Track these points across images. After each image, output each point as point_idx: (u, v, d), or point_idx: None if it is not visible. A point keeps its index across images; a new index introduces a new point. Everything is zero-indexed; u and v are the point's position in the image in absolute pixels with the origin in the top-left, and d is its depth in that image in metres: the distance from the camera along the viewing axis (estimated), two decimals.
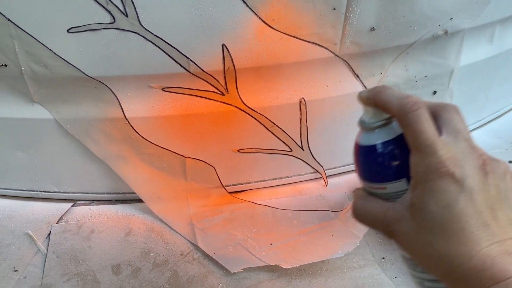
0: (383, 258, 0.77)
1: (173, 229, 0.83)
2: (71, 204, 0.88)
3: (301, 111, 0.81)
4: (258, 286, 0.73)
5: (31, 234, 0.80)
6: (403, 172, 0.36)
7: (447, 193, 0.33)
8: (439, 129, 0.35)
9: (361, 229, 0.76)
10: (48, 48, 0.68)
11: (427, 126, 0.34)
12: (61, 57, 0.69)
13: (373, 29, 0.74)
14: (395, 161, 0.37)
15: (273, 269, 0.75)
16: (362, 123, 0.39)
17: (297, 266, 0.73)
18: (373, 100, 0.38)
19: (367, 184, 0.39)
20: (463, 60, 0.87)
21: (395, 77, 0.83)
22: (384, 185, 0.37)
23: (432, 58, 0.83)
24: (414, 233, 0.35)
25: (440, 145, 0.34)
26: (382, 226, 0.37)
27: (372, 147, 0.37)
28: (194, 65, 0.71)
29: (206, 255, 0.78)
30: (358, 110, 0.41)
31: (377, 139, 0.37)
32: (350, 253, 0.74)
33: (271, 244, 0.79)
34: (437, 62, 0.84)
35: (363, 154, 0.39)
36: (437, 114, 0.37)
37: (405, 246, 0.36)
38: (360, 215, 0.39)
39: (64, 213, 0.86)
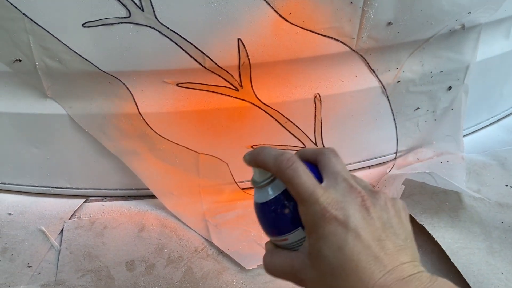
0: None
1: (186, 225, 0.83)
2: (83, 200, 0.88)
3: (315, 107, 0.81)
4: (273, 283, 0.72)
5: (44, 230, 0.80)
6: (297, 221, 0.39)
7: (335, 236, 0.35)
8: (321, 174, 0.39)
9: None
10: (62, 42, 0.67)
11: (305, 177, 0.38)
12: (75, 52, 0.68)
13: (390, 23, 0.73)
14: (287, 213, 0.40)
15: None
16: (253, 182, 0.43)
17: None
18: (254, 161, 0.42)
19: (272, 238, 0.43)
20: (479, 55, 0.86)
21: (411, 72, 0.82)
22: (285, 237, 0.40)
23: (449, 53, 0.82)
24: (318, 279, 0.37)
25: (320, 192, 0.37)
26: (292, 277, 0.40)
27: (265, 204, 0.41)
28: (209, 60, 0.71)
29: (220, 251, 0.77)
30: (374, 106, 0.41)
31: (268, 196, 0.41)
32: None
33: None
34: (453, 57, 0.83)
35: (260, 211, 0.43)
36: (316, 160, 0.41)
37: (310, 284, 0.38)
38: (270, 270, 0.42)
39: (77, 209, 0.85)
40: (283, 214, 0.40)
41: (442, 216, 0.79)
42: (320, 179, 0.39)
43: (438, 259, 0.75)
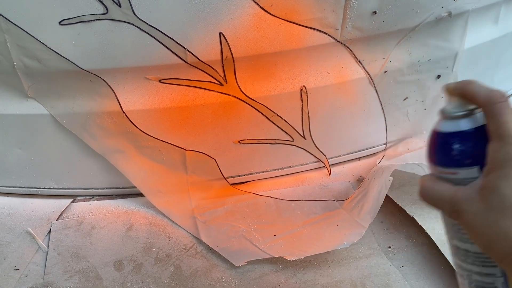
0: (389, 247, 0.76)
1: (175, 223, 0.82)
2: (71, 200, 0.87)
3: (302, 100, 0.79)
4: (263, 279, 0.72)
5: (31, 231, 0.79)
6: (478, 160, 0.39)
7: None
8: None
9: (367, 219, 0.74)
10: (40, 41, 0.66)
11: (510, 117, 0.37)
12: (54, 51, 0.67)
13: (374, 12, 0.71)
14: (473, 149, 0.40)
15: (277, 261, 0.74)
16: (444, 112, 0.42)
17: (302, 257, 0.71)
18: (460, 90, 0.40)
19: (438, 169, 0.42)
20: (468, 43, 0.84)
21: (398, 61, 0.81)
22: (457, 170, 0.40)
23: (436, 41, 0.81)
24: (482, 213, 0.37)
25: None
26: (448, 206, 0.39)
27: (454, 134, 0.40)
28: (191, 55, 0.69)
29: (210, 249, 0.77)
30: (362, 97, 0.41)
31: (460, 127, 0.40)
32: (356, 243, 0.72)
33: (274, 235, 0.78)
34: (441, 45, 0.82)
35: (442, 140, 0.41)
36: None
37: (469, 225, 0.38)
38: (426, 194, 0.42)
39: (64, 209, 0.85)
40: (468, 148, 0.40)
41: None
42: None
43: (429, 250, 0.74)
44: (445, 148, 0.41)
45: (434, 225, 0.75)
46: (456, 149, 0.40)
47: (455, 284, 0.68)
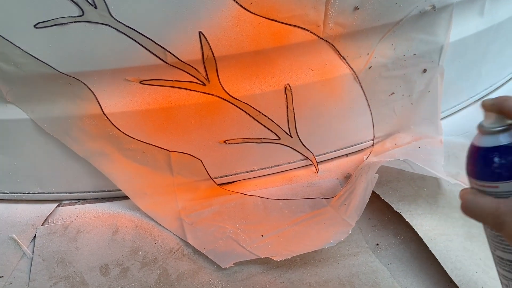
0: (377, 244, 0.76)
1: (161, 226, 0.81)
2: (56, 204, 0.86)
3: (287, 98, 0.78)
4: (250, 280, 0.71)
5: (16, 238, 0.78)
6: None
7: None
8: None
9: (353, 217, 0.74)
10: (16, 45, 0.64)
11: None
12: (30, 55, 0.65)
13: (356, 8, 0.70)
14: (509, 162, 0.42)
15: (265, 262, 0.73)
16: (483, 127, 0.43)
17: (289, 257, 0.71)
18: (498, 106, 0.42)
19: (479, 183, 0.43)
20: (453, 36, 0.83)
21: (382, 57, 0.80)
22: (498, 184, 0.42)
23: (421, 35, 0.80)
24: None
25: None
26: (492, 218, 0.41)
27: (494, 148, 0.42)
28: (171, 55, 0.68)
29: (196, 251, 0.76)
30: (347, 93, 0.41)
31: (500, 141, 0.42)
32: (344, 241, 0.72)
33: (262, 235, 0.77)
34: (426, 39, 0.81)
35: (482, 155, 0.43)
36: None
37: None
38: (469, 208, 0.43)
39: (49, 214, 0.83)
40: (509, 161, 0.42)
41: (420, 203, 0.78)
42: None
43: (417, 247, 0.74)
44: (485, 162, 0.43)
45: (422, 222, 0.74)
46: (497, 163, 0.42)
47: (443, 281, 0.68)
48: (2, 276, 0.73)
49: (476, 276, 0.66)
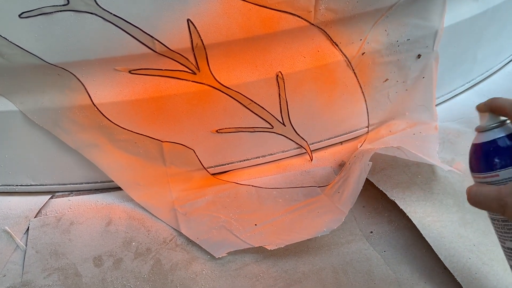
0: (371, 232, 0.75)
1: (155, 216, 0.80)
2: (49, 196, 0.85)
3: (279, 86, 0.77)
4: (243, 269, 0.71)
5: (9, 230, 0.78)
6: None
7: None
8: None
9: (347, 204, 0.73)
10: (1, 36, 0.63)
11: None
12: (16, 45, 0.64)
13: None
14: (509, 151, 0.47)
15: (258, 251, 0.73)
16: (480, 127, 0.50)
17: (282, 246, 0.71)
18: (490, 106, 0.49)
19: (481, 175, 0.50)
20: (447, 20, 0.82)
21: (376, 42, 0.79)
22: (497, 173, 0.48)
23: (415, 19, 0.79)
24: None
25: None
26: (496, 201, 0.45)
27: (491, 142, 0.49)
28: (160, 44, 0.67)
29: (190, 241, 0.76)
30: (340, 80, 0.41)
31: (495, 136, 0.49)
32: (338, 229, 0.71)
33: (255, 224, 0.77)
34: (420, 24, 0.80)
35: (481, 149, 0.50)
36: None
37: None
38: (474, 198, 0.48)
39: (42, 206, 0.83)
40: (505, 151, 0.48)
41: (414, 190, 0.77)
42: None
43: (411, 234, 0.73)
44: (484, 155, 0.49)
45: (416, 208, 0.74)
46: (494, 154, 0.48)
47: (437, 267, 0.68)
48: None
49: (469, 262, 0.65)
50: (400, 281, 0.67)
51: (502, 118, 0.49)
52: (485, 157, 0.49)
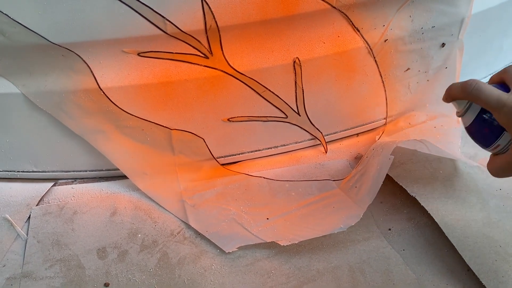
0: (390, 229, 0.72)
1: (162, 207, 0.77)
2: (52, 183, 0.82)
3: (295, 73, 0.73)
4: (254, 265, 0.68)
5: (9, 218, 0.74)
6: (499, 128, 0.49)
7: None
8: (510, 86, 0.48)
9: (365, 200, 0.69)
10: (2, 12, 0.59)
11: (488, 91, 0.47)
12: (19, 23, 0.60)
13: None
14: (489, 125, 0.50)
15: (270, 246, 0.69)
16: (457, 113, 0.54)
17: (296, 242, 0.67)
18: (447, 97, 0.53)
19: (489, 150, 0.52)
20: (475, 7, 0.78)
21: (399, 29, 0.74)
22: (497, 144, 0.50)
23: (441, 6, 0.75)
24: None
25: (504, 96, 0.46)
26: (510, 169, 0.49)
27: (471, 125, 0.52)
28: (171, 25, 0.63)
29: (198, 234, 0.72)
30: (360, 68, 0.37)
31: (470, 118, 0.52)
32: (354, 225, 0.68)
33: (267, 218, 0.73)
34: (446, 11, 0.75)
35: (470, 133, 0.54)
36: (502, 79, 0.49)
37: None
38: (495, 172, 0.52)
39: (45, 194, 0.80)
40: (486, 127, 0.50)
41: (436, 186, 0.73)
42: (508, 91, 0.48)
43: (432, 232, 0.70)
44: (476, 137, 0.53)
45: (438, 206, 0.70)
46: (481, 133, 0.52)
47: (460, 268, 0.64)
48: None
49: (496, 264, 0.62)
50: (421, 282, 0.63)
51: (465, 101, 0.51)
52: (478, 137, 0.53)
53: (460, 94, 0.50)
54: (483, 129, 0.51)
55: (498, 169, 0.51)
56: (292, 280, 0.65)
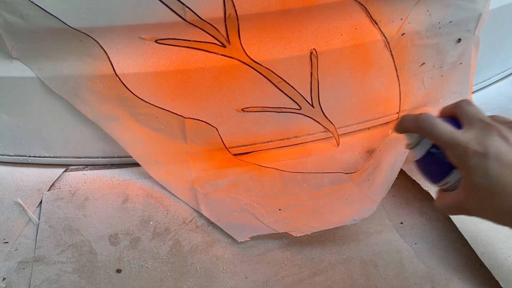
0: (402, 223, 0.72)
1: (173, 195, 0.77)
2: (63, 169, 0.82)
3: (312, 64, 0.73)
4: (267, 255, 0.68)
5: (21, 202, 0.74)
6: (450, 166, 0.47)
7: (480, 166, 0.43)
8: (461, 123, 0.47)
9: (379, 193, 0.70)
10: None
11: (442, 127, 0.46)
12: (38, 5, 0.60)
13: None
14: (440, 162, 0.48)
15: (282, 236, 0.69)
16: (407, 146, 0.52)
17: (309, 233, 0.67)
18: (399, 129, 0.52)
19: (437, 186, 0.51)
20: (493, 3, 0.77)
21: (417, 23, 0.74)
22: (446, 181, 0.49)
23: (459, 1, 0.74)
24: (477, 204, 0.45)
25: (458, 135, 0.45)
26: (459, 209, 0.48)
27: (421, 160, 0.51)
28: (190, 12, 0.62)
29: (210, 223, 0.72)
30: (376, 61, 0.38)
31: (421, 152, 0.50)
32: (366, 218, 0.68)
33: (279, 209, 0.73)
34: (464, 5, 0.75)
35: (419, 167, 0.52)
36: (454, 114, 0.49)
37: (475, 211, 0.46)
38: (441, 210, 0.51)
39: (56, 179, 0.80)
40: (436, 163, 0.49)
41: None
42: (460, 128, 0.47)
43: (444, 227, 0.70)
44: (425, 171, 0.52)
45: None
46: (430, 169, 0.51)
47: (472, 264, 0.64)
48: (7, 242, 0.69)
49: (509, 260, 0.62)
50: (433, 276, 0.63)
51: (416, 135, 0.50)
52: (426, 172, 0.52)
53: (412, 127, 0.49)
54: (432, 165, 0.50)
55: (445, 207, 0.50)
56: (304, 271, 0.65)
